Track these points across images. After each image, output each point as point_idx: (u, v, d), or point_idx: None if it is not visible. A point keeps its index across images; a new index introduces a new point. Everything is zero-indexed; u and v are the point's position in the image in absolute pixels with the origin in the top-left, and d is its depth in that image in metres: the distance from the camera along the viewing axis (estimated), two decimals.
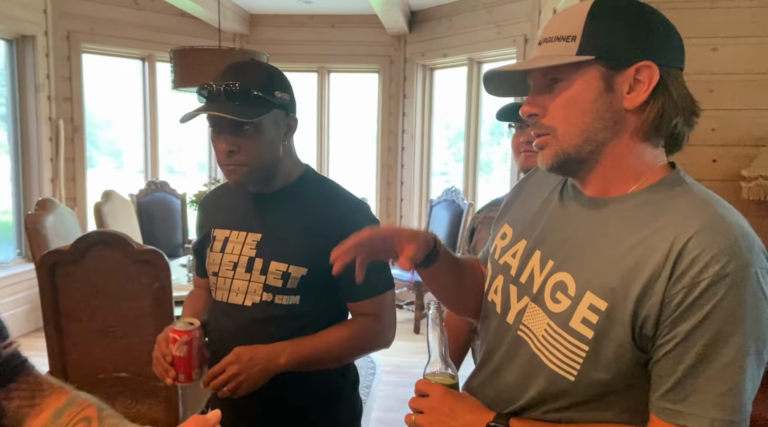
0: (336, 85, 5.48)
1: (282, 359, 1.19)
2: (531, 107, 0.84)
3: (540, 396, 0.83)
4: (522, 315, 0.87)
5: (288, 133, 1.29)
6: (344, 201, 1.31)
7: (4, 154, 4.22)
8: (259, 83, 1.20)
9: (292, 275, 1.23)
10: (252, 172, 1.23)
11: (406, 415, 0.89)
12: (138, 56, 4.92)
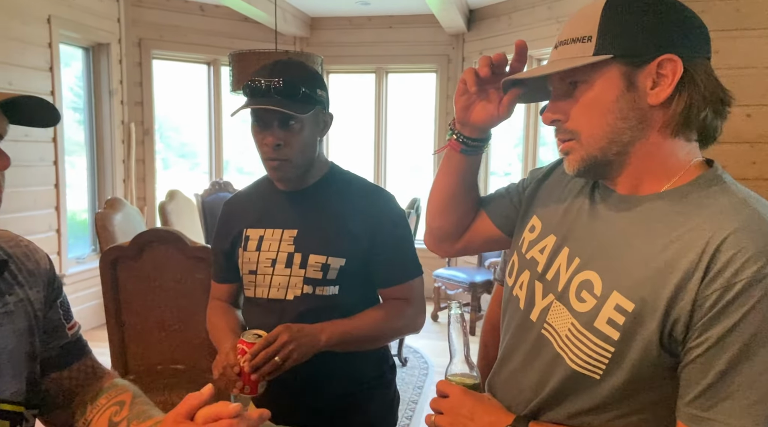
0: (393, 86, 5.50)
1: (323, 336, 1.23)
2: (552, 113, 0.82)
3: (559, 395, 0.81)
4: (546, 313, 0.85)
5: (324, 130, 1.35)
6: (371, 192, 1.39)
7: (83, 156, 4.50)
8: (305, 80, 1.26)
9: (332, 266, 1.28)
10: (295, 168, 1.29)
11: (427, 415, 0.88)
12: (204, 61, 5.12)
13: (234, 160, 5.41)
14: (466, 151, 0.99)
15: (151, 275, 2.10)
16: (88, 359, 0.93)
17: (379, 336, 1.34)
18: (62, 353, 0.90)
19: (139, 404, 0.89)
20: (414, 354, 3.89)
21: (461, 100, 0.93)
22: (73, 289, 4.13)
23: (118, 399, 0.88)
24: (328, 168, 1.39)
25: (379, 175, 5.50)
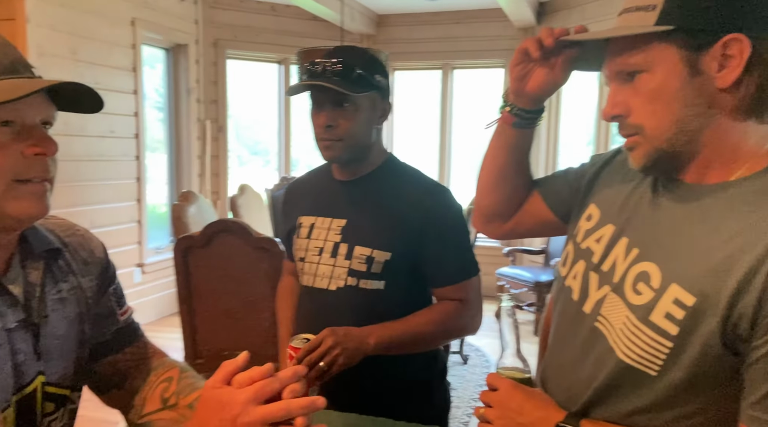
0: (459, 82, 5.45)
1: (372, 340, 1.20)
2: (612, 108, 0.79)
3: (612, 391, 0.78)
4: (600, 305, 0.82)
5: (382, 118, 1.33)
6: (425, 186, 1.33)
7: (164, 152, 4.76)
8: (363, 63, 1.26)
9: (376, 260, 1.26)
10: (347, 149, 1.27)
11: (476, 407, 0.87)
12: (274, 60, 5.28)
13: (304, 159, 5.54)
14: (520, 125, 0.97)
15: (219, 263, 2.20)
16: (140, 341, 0.97)
17: (431, 339, 1.29)
18: (116, 338, 0.94)
19: (186, 378, 0.92)
20: (476, 352, 3.85)
21: (517, 70, 0.92)
22: (152, 277, 4.39)
23: (166, 376, 0.93)
24: (385, 159, 1.36)
25: (443, 173, 5.47)
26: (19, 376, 0.78)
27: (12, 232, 0.79)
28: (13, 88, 0.70)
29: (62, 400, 0.86)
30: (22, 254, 0.82)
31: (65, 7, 3.51)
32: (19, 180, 0.73)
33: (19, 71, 0.74)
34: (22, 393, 0.79)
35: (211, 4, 4.85)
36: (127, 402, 0.93)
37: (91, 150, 3.76)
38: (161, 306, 4.41)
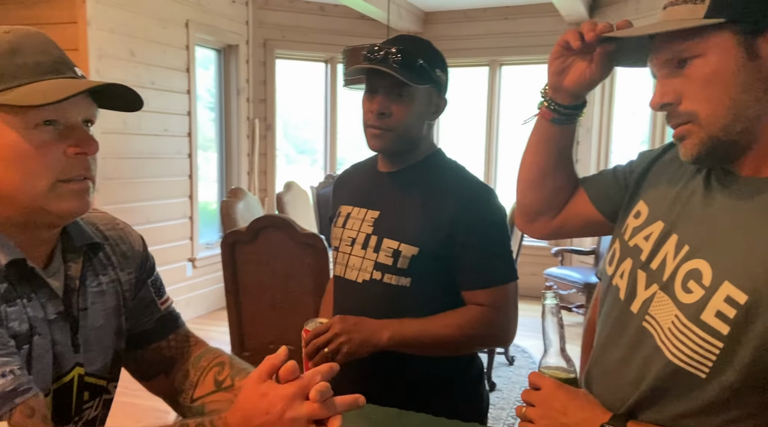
0: (507, 79, 5.36)
1: (386, 334, 1.16)
2: (661, 97, 0.75)
3: (660, 393, 0.75)
4: (649, 305, 0.79)
5: (435, 113, 1.29)
6: (465, 184, 1.27)
7: (214, 151, 4.90)
8: (424, 55, 1.22)
9: (403, 254, 1.21)
10: (396, 140, 1.23)
11: (518, 406, 0.86)
12: (322, 59, 5.34)
13: (350, 157, 5.59)
14: (558, 121, 0.94)
15: (264, 258, 2.24)
16: (182, 329, 1.00)
17: (453, 344, 1.22)
18: (158, 326, 0.97)
19: (237, 363, 0.95)
20: (522, 353, 3.78)
21: (556, 64, 0.90)
22: (202, 272, 4.51)
23: (217, 361, 0.95)
24: (431, 153, 1.31)
25: (489, 172, 5.40)
26: (58, 366, 0.81)
27: (54, 228, 0.81)
28: (56, 89, 0.72)
29: (98, 390, 0.89)
30: (63, 248, 0.84)
31: (123, 10, 3.65)
32: (61, 179, 0.75)
33: (61, 71, 0.75)
34: (60, 382, 0.81)
35: (261, 5, 4.95)
36: (174, 387, 0.96)
37: (147, 148, 3.91)
38: (211, 300, 4.54)
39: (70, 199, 0.76)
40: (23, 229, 0.77)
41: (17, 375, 0.68)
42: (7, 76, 0.71)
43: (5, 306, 0.73)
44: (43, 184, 0.74)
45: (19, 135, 0.72)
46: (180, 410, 0.96)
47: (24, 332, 0.75)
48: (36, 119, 0.72)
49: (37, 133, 0.73)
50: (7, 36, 0.74)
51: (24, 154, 0.72)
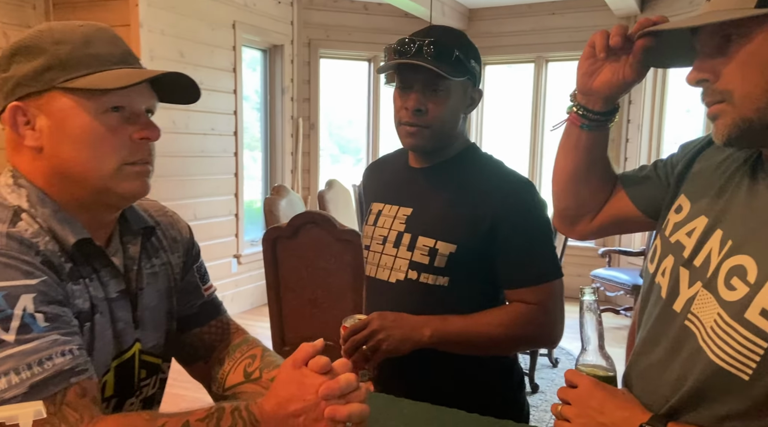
0: (553, 75, 5.25)
1: (427, 331, 1.13)
2: (699, 72, 0.73)
3: (701, 394, 0.72)
4: (691, 303, 0.76)
5: (471, 106, 1.24)
6: (504, 176, 1.22)
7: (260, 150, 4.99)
8: (461, 46, 1.17)
9: (440, 252, 1.17)
10: (432, 138, 1.19)
11: (553, 404, 0.83)
12: (365, 58, 5.36)
13: None
14: (588, 127, 0.91)
15: (305, 254, 2.26)
16: (223, 317, 1.03)
17: (498, 343, 1.17)
18: (201, 311, 1.00)
19: (268, 356, 0.97)
20: (566, 356, 3.69)
21: (585, 65, 0.87)
22: (247, 268, 4.61)
23: (250, 353, 0.97)
24: (465, 147, 1.26)
25: (534, 170, 5.30)
26: (120, 342, 0.85)
27: (116, 210, 0.86)
28: (126, 76, 0.77)
29: (154, 368, 0.93)
30: (121, 231, 0.89)
31: (173, 13, 3.76)
32: (127, 162, 0.80)
33: (129, 62, 0.81)
34: (121, 358, 0.86)
35: (305, 5, 5.01)
36: (210, 375, 0.99)
37: (194, 147, 4.01)
38: (256, 296, 4.63)
39: (133, 181, 0.81)
40: (88, 209, 0.82)
41: (75, 355, 0.71)
42: (81, 65, 0.77)
43: (71, 284, 0.77)
44: (110, 165, 0.79)
45: (91, 118, 0.77)
46: (215, 398, 0.99)
47: (86, 309, 0.79)
48: (106, 105, 0.78)
49: (106, 117, 0.78)
50: (81, 29, 0.80)
51: (95, 137, 0.78)
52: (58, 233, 0.78)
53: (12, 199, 0.78)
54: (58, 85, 0.76)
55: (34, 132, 0.78)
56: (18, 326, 0.68)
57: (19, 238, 0.74)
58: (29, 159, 0.79)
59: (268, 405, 0.72)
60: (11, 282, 0.69)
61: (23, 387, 0.66)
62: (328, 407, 0.70)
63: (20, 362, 0.67)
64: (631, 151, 4.83)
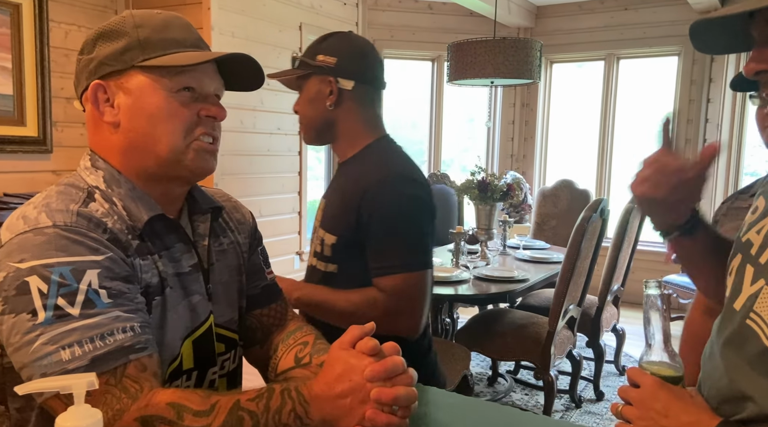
0: (624, 73, 5.04)
1: (296, 294, 1.29)
2: (758, 63, 0.69)
3: None
4: (754, 301, 0.71)
5: (332, 96, 1.32)
6: (377, 170, 1.28)
7: (322, 150, 5.07)
8: (308, 49, 1.35)
9: (326, 242, 1.32)
10: (305, 129, 1.39)
11: (613, 403, 0.79)
12: (428, 58, 5.34)
13: (458, 158, 5.55)
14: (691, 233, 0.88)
15: None
16: (282, 302, 1.06)
17: (347, 318, 1.19)
18: (263, 293, 1.03)
19: (320, 343, 0.98)
20: (634, 363, 3.53)
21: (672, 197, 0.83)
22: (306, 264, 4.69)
23: (303, 339, 0.99)
24: (372, 141, 1.36)
25: (602, 169, 5.11)
26: (194, 315, 0.88)
27: (186, 184, 0.90)
28: (199, 56, 0.83)
29: (232, 343, 0.96)
30: (190, 210, 0.93)
31: (243, 15, 3.89)
32: (195, 138, 0.85)
33: (200, 47, 0.87)
34: (197, 332, 0.89)
35: (371, 6, 5.05)
36: (265, 361, 1.01)
37: (261, 145, 4.13)
38: None
39: (200, 156, 0.86)
40: (159, 182, 0.87)
41: (136, 333, 0.74)
42: (158, 46, 0.83)
43: (139, 259, 0.81)
44: (181, 139, 0.84)
45: (165, 96, 0.83)
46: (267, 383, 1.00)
47: (155, 284, 0.83)
48: (179, 84, 0.83)
49: (179, 95, 0.83)
50: (160, 15, 0.86)
51: (168, 112, 0.83)
52: (133, 210, 0.82)
53: (90, 181, 0.84)
54: (137, 64, 0.81)
55: (113, 109, 0.83)
56: (83, 300, 0.71)
57: (88, 216, 0.78)
58: (107, 135, 0.85)
59: (316, 386, 0.73)
60: (78, 257, 0.73)
61: (85, 359, 0.69)
62: (374, 389, 0.70)
63: (83, 335, 0.70)
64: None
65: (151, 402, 0.69)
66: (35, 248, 0.72)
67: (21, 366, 0.71)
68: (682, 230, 0.87)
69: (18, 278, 0.71)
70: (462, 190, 3.14)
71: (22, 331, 0.70)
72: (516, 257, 3.23)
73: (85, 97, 0.85)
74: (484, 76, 2.93)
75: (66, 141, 3.71)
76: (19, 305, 0.70)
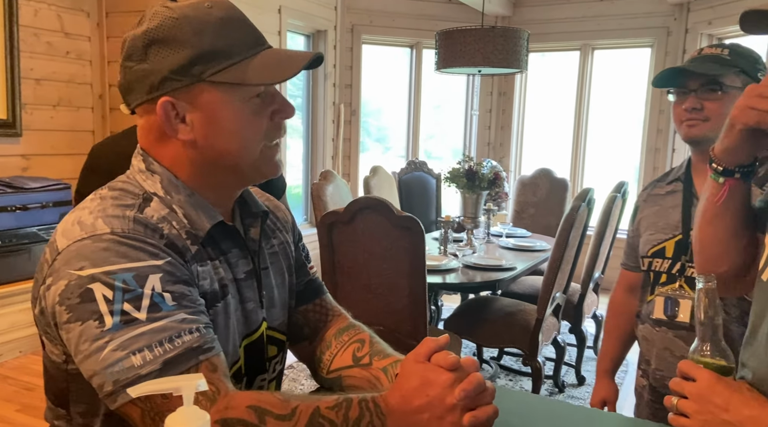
0: (598, 64, 5.13)
1: None
2: None
3: None
4: None
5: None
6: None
7: (299, 137, 5.00)
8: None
9: None
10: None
11: (667, 397, 0.81)
12: (407, 44, 5.31)
13: (423, 144, 5.56)
14: (745, 179, 0.89)
15: (361, 239, 2.26)
16: (326, 297, 1.04)
17: None
18: (307, 289, 1.01)
19: (377, 343, 0.96)
20: None
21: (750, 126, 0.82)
22: None
23: (358, 337, 0.97)
24: None
25: (576, 160, 5.20)
26: (248, 322, 0.86)
27: (243, 188, 0.87)
28: (276, 66, 0.77)
29: (281, 344, 0.95)
30: (241, 214, 0.90)
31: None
32: (267, 144, 0.81)
33: (261, 43, 0.81)
34: (250, 338, 0.87)
35: None
36: (314, 356, 0.99)
37: None
38: None
39: (272, 161, 0.83)
40: (215, 189, 0.83)
41: (202, 333, 0.72)
42: (223, 55, 0.76)
43: (197, 266, 0.78)
44: (257, 149, 0.80)
45: (238, 108, 0.77)
46: (318, 379, 0.99)
47: (215, 290, 0.80)
48: (251, 93, 0.78)
49: (251, 105, 0.79)
50: (213, 12, 0.78)
51: (243, 124, 0.78)
52: (194, 218, 0.79)
53: (147, 186, 0.80)
54: (206, 78, 0.76)
55: (185, 125, 0.78)
56: (148, 305, 0.69)
57: (144, 222, 0.75)
58: (177, 149, 0.80)
59: (392, 399, 0.72)
60: (139, 263, 0.71)
61: (157, 363, 0.67)
62: (466, 415, 0.70)
63: (152, 339, 0.68)
64: (679, 141, 4.70)
65: (230, 405, 0.68)
66: (95, 255, 0.70)
67: (92, 374, 0.69)
68: (743, 171, 0.87)
69: (81, 286, 0.69)
70: (450, 179, 3.15)
71: (91, 338, 0.68)
72: (500, 245, 3.27)
73: (144, 109, 0.79)
74: (473, 65, 2.93)
75: (36, 124, 3.55)
76: (85, 313, 0.68)
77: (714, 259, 0.96)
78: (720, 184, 0.88)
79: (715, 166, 0.88)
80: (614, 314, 1.63)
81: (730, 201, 0.89)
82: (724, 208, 0.90)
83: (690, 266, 1.34)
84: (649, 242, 1.43)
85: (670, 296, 1.38)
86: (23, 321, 3.17)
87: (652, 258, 1.42)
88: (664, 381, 1.38)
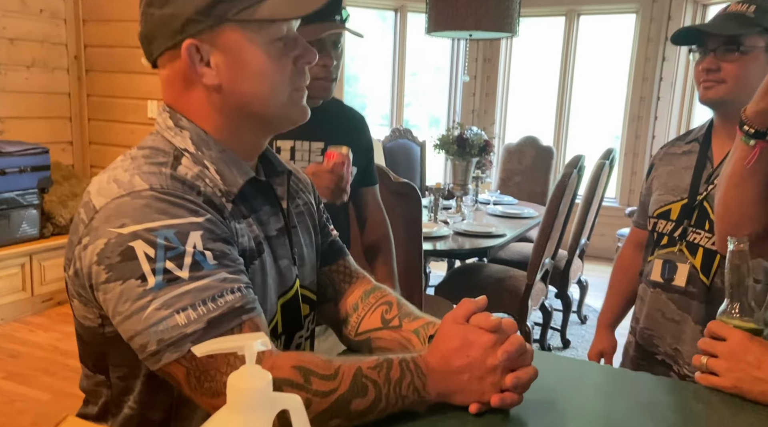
0: (584, 30, 5.11)
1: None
2: None
3: None
4: None
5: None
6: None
7: None
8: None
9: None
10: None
11: (695, 356, 0.82)
12: (391, 7, 5.20)
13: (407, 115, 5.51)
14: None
15: None
16: (348, 257, 1.03)
17: None
18: (330, 249, 1.00)
19: (405, 305, 0.95)
20: (594, 313, 3.73)
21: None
22: None
23: (385, 299, 0.96)
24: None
25: (560, 127, 5.23)
26: (283, 280, 0.85)
27: (276, 132, 0.86)
28: (300, 2, 0.75)
29: (313, 303, 0.94)
30: (266, 173, 0.87)
31: None
32: (293, 88, 0.78)
33: None
34: (286, 296, 0.86)
35: None
36: (341, 318, 0.98)
37: None
38: None
39: (300, 106, 0.80)
40: (247, 138, 0.80)
41: (244, 293, 0.70)
42: None
43: (235, 223, 0.76)
44: (285, 93, 0.78)
45: (263, 50, 0.75)
46: (344, 341, 0.99)
47: (252, 248, 0.79)
48: (275, 35, 0.75)
49: (274, 47, 0.76)
50: None
51: (269, 67, 0.75)
52: (226, 174, 0.77)
53: (177, 142, 0.77)
54: (231, 17, 0.72)
55: (210, 69, 0.74)
56: (191, 263, 0.67)
57: (181, 179, 0.73)
58: (202, 96, 0.76)
59: (432, 360, 0.72)
60: (180, 220, 0.69)
61: (202, 322, 0.66)
62: (509, 376, 0.70)
63: (196, 298, 0.66)
64: (662, 109, 4.75)
65: (276, 364, 0.66)
66: (135, 212, 0.67)
67: (133, 334, 0.67)
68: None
69: (121, 244, 0.66)
70: (440, 146, 3.13)
71: (132, 297, 0.66)
72: (488, 212, 3.28)
73: (168, 57, 0.76)
74: (465, 29, 2.88)
75: (10, 85, 3.40)
76: (126, 272, 0.66)
77: (737, 222, 0.96)
78: (750, 147, 0.88)
79: (747, 128, 0.88)
80: (620, 269, 1.64)
81: (759, 164, 0.89)
82: (752, 171, 0.90)
83: (693, 230, 1.35)
84: (657, 202, 1.43)
85: (668, 259, 1.39)
86: (4, 288, 3.09)
87: (657, 219, 1.42)
88: (651, 340, 1.40)
